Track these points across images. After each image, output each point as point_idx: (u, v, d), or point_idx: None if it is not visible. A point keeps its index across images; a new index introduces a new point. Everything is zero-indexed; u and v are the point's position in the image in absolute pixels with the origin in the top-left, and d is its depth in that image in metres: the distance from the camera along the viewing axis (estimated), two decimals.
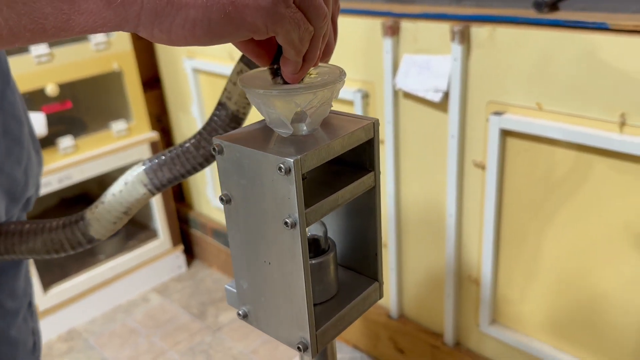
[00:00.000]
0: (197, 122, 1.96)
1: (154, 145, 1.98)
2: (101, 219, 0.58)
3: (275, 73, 0.44)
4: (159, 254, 2.11)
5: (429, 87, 1.24)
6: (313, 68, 0.44)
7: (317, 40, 0.40)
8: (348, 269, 0.55)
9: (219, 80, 1.81)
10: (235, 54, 1.67)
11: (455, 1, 1.24)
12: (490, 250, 1.28)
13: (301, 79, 0.43)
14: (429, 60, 1.23)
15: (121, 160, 1.91)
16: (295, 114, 0.43)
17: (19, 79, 0.70)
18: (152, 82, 2.14)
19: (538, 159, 1.15)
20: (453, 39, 1.17)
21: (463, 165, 1.28)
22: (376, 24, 1.29)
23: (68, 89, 1.83)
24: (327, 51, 0.45)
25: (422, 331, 1.53)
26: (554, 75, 1.07)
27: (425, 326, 1.54)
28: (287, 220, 0.42)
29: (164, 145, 2.16)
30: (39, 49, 1.65)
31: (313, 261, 0.48)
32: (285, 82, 0.44)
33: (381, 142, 1.39)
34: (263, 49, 0.43)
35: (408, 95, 1.30)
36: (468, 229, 1.33)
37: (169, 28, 0.36)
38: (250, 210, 0.45)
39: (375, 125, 0.46)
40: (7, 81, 0.66)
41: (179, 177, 0.58)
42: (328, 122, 0.47)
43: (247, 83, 0.44)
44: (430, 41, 1.22)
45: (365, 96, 1.39)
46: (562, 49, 1.04)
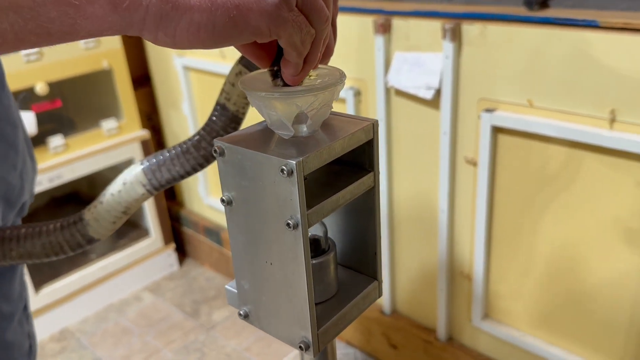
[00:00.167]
0: (189, 120, 1.95)
1: (144, 144, 1.97)
2: (100, 219, 0.58)
3: (275, 75, 0.45)
4: (150, 252, 2.11)
5: (421, 85, 1.25)
6: (312, 70, 0.45)
7: (319, 43, 0.41)
8: (347, 268, 0.55)
9: (210, 78, 1.80)
10: (226, 52, 1.67)
11: None
12: (482, 246, 1.29)
13: (301, 81, 0.44)
14: (421, 57, 1.24)
15: (112, 159, 1.90)
16: (296, 115, 0.43)
17: (8, 78, 0.69)
18: (142, 80, 2.13)
19: (529, 156, 1.16)
20: (444, 36, 1.18)
21: (455, 161, 1.29)
22: (368, 21, 1.30)
23: (58, 88, 1.82)
24: (327, 53, 0.45)
25: (415, 326, 1.54)
26: (544, 72, 1.08)
27: (418, 321, 1.55)
28: (289, 221, 0.42)
29: (155, 143, 2.16)
30: None
31: (314, 261, 0.49)
32: (285, 84, 0.44)
33: None
34: (264, 51, 0.43)
35: (400, 93, 1.31)
36: (460, 225, 1.34)
37: (174, 32, 0.36)
38: (251, 211, 0.45)
39: (375, 126, 0.47)
40: (2, 85, 0.66)
41: (177, 178, 0.58)
42: (328, 123, 0.47)
43: (248, 85, 0.44)
44: (422, 39, 1.23)
45: (358, 94, 1.40)
46: (553, 46, 1.05)
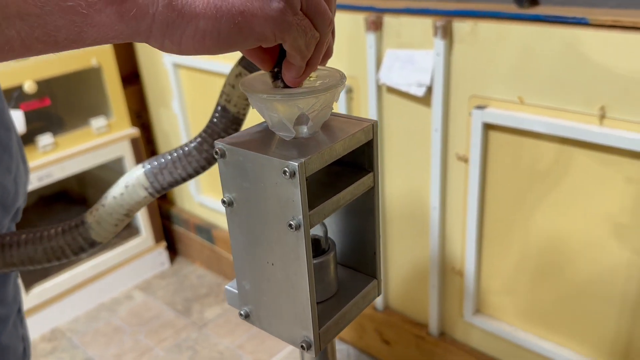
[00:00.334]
0: (179, 118, 1.95)
1: (134, 142, 1.96)
2: (102, 221, 0.58)
3: (275, 76, 0.45)
4: (141, 251, 2.10)
5: (412, 82, 1.25)
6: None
7: (322, 46, 0.41)
8: (346, 267, 0.56)
9: (200, 76, 1.80)
10: None
11: None
12: (474, 242, 1.30)
13: (302, 83, 0.44)
14: (412, 55, 1.25)
15: (102, 157, 1.89)
16: (297, 117, 0.43)
17: None
18: (131, 78, 2.12)
19: (520, 152, 1.17)
20: (436, 33, 1.18)
21: (446, 158, 1.29)
22: (359, 19, 1.30)
23: (46, 86, 1.80)
24: (327, 54, 0.46)
25: (407, 322, 1.55)
26: (535, 70, 1.08)
27: (411, 317, 1.56)
28: (292, 222, 0.42)
29: (145, 141, 2.15)
30: None
31: (314, 261, 0.49)
32: (285, 86, 0.44)
33: None
34: (267, 54, 0.44)
35: (391, 90, 1.32)
36: (452, 222, 1.35)
37: (180, 39, 0.36)
38: (253, 212, 0.45)
39: (374, 127, 0.47)
40: None
41: (180, 181, 0.58)
42: (327, 124, 0.48)
43: (249, 87, 0.44)
44: (413, 36, 1.23)
45: (349, 91, 1.40)
46: (543, 43, 1.06)
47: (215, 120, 0.57)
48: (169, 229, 2.26)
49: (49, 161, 1.76)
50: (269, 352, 1.73)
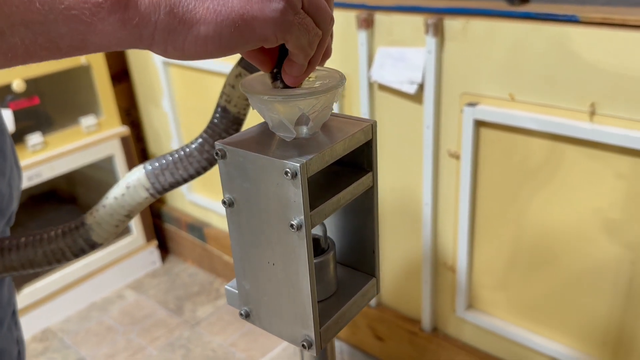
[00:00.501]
0: (169, 117, 1.94)
1: (124, 140, 1.95)
2: (103, 222, 0.58)
3: (274, 77, 0.45)
4: (132, 249, 2.09)
5: (404, 79, 1.26)
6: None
7: (324, 43, 0.41)
8: (345, 266, 0.56)
9: (190, 74, 1.79)
10: None
11: None
12: (466, 238, 1.31)
13: (302, 82, 0.44)
14: (404, 52, 1.25)
15: (91, 156, 1.88)
16: (297, 117, 0.44)
17: None
18: (121, 76, 2.11)
19: (511, 149, 1.18)
20: (427, 31, 1.19)
21: (438, 155, 1.30)
22: (350, 16, 1.30)
23: (35, 85, 1.79)
24: (326, 54, 0.46)
25: (400, 318, 1.56)
26: (525, 67, 1.09)
27: (403, 313, 1.57)
28: (293, 222, 0.43)
29: (135, 139, 2.14)
30: None
31: (314, 261, 0.49)
32: (285, 86, 0.44)
33: None
34: (267, 55, 0.44)
35: (383, 88, 1.32)
36: (443, 218, 1.36)
37: (182, 45, 0.37)
38: (253, 213, 0.46)
39: (373, 127, 0.48)
40: None
41: (181, 181, 0.58)
42: (327, 125, 0.48)
43: (249, 88, 0.44)
44: (405, 34, 1.24)
45: None
46: (534, 40, 1.07)
47: (215, 120, 0.57)
48: (160, 228, 2.25)
49: (39, 160, 1.75)
50: (262, 350, 1.73)
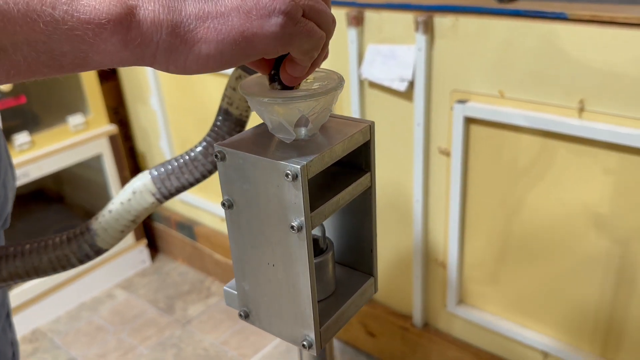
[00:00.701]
0: (157, 115, 1.93)
1: (112, 139, 1.94)
2: (109, 228, 0.58)
3: (272, 79, 0.45)
4: (121, 249, 2.08)
5: (394, 77, 1.26)
6: None
7: (326, 44, 0.42)
8: (342, 265, 0.57)
9: None
10: None
11: None
12: (456, 234, 1.32)
13: (300, 83, 0.44)
14: (394, 50, 1.25)
15: (79, 155, 1.87)
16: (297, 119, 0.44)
17: None
18: (108, 73, 2.09)
19: (501, 145, 1.19)
20: (417, 29, 1.19)
21: (429, 152, 1.31)
22: (340, 14, 1.30)
23: (21, 83, 1.76)
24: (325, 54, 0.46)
25: (392, 314, 1.57)
26: (515, 64, 1.10)
27: (395, 309, 1.58)
28: (294, 224, 0.43)
29: (123, 138, 2.12)
30: None
31: (314, 261, 0.50)
32: (283, 87, 0.44)
33: None
34: (266, 61, 0.44)
35: (374, 85, 1.32)
36: (434, 214, 1.37)
37: (184, 64, 0.37)
38: (253, 214, 0.46)
39: (371, 127, 0.48)
40: None
41: (187, 185, 0.59)
42: (325, 126, 0.48)
43: (248, 90, 0.44)
44: (395, 31, 1.24)
45: None
46: (523, 38, 1.07)
47: (218, 123, 0.58)
48: (149, 227, 2.24)
49: (26, 160, 1.74)
50: (254, 348, 1.73)
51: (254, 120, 0.55)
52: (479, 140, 1.22)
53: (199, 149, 0.58)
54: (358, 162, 0.50)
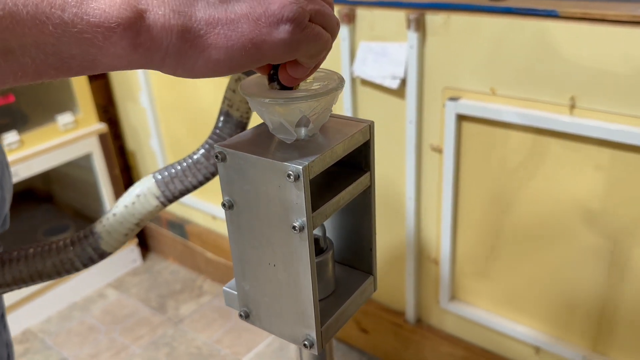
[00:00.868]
0: (147, 113, 1.92)
1: (102, 138, 1.93)
2: (113, 231, 0.58)
3: (271, 78, 0.45)
4: None
5: (386, 74, 1.26)
6: None
7: (331, 46, 0.42)
8: (341, 264, 0.57)
9: None
10: None
11: None
12: (449, 230, 1.33)
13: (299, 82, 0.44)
14: (386, 47, 1.26)
15: (69, 154, 1.85)
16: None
17: None
18: None
19: (493, 142, 1.20)
20: (409, 26, 1.19)
21: (421, 149, 1.31)
22: None
23: None
24: None
25: (385, 311, 1.57)
26: (506, 61, 1.11)
27: (388, 306, 1.58)
28: (295, 224, 0.43)
29: (113, 137, 2.11)
30: None
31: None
32: (282, 87, 0.44)
33: None
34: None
35: (366, 83, 1.33)
36: (426, 211, 1.37)
37: (192, 68, 0.37)
38: (254, 215, 0.46)
39: (371, 127, 0.48)
40: None
41: (190, 188, 0.59)
42: (324, 126, 0.48)
43: (248, 91, 0.44)
44: (387, 29, 1.24)
45: None
46: (514, 35, 1.08)
47: (220, 125, 0.58)
48: None
49: (15, 160, 1.72)
50: (247, 346, 1.73)
51: (254, 122, 0.55)
52: (471, 137, 1.22)
53: (201, 151, 0.59)
54: (357, 162, 0.50)
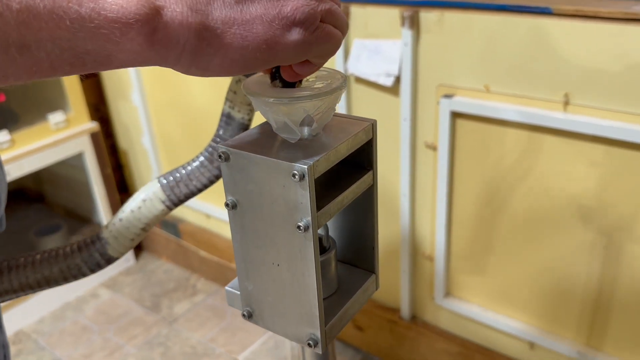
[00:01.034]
0: (139, 111, 1.91)
1: (94, 137, 1.91)
2: (119, 236, 0.58)
3: (273, 76, 0.45)
4: None
5: (381, 72, 1.26)
6: None
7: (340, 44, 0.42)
8: (343, 263, 0.57)
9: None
10: None
11: None
12: (443, 227, 1.33)
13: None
14: (380, 45, 1.26)
15: (61, 153, 1.84)
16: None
17: None
18: None
19: (487, 139, 1.20)
20: (403, 24, 1.19)
21: (415, 147, 1.32)
22: None
23: None
24: None
25: (380, 307, 1.58)
26: (500, 58, 1.11)
27: (383, 303, 1.59)
28: (300, 224, 0.43)
29: (104, 135, 2.09)
30: None
31: None
32: (284, 85, 0.44)
33: None
34: None
35: (360, 80, 1.33)
36: (421, 208, 1.38)
37: (207, 67, 0.37)
38: (257, 215, 0.46)
39: (374, 126, 0.48)
40: None
41: (195, 192, 0.59)
42: (327, 125, 0.48)
43: (251, 91, 0.44)
44: (381, 26, 1.24)
45: None
46: (508, 32, 1.08)
47: (222, 128, 0.58)
48: None
49: (6, 159, 1.70)
50: (242, 345, 1.73)
51: (255, 122, 0.55)
52: (465, 135, 1.23)
53: (204, 154, 0.59)
54: (360, 161, 0.50)
